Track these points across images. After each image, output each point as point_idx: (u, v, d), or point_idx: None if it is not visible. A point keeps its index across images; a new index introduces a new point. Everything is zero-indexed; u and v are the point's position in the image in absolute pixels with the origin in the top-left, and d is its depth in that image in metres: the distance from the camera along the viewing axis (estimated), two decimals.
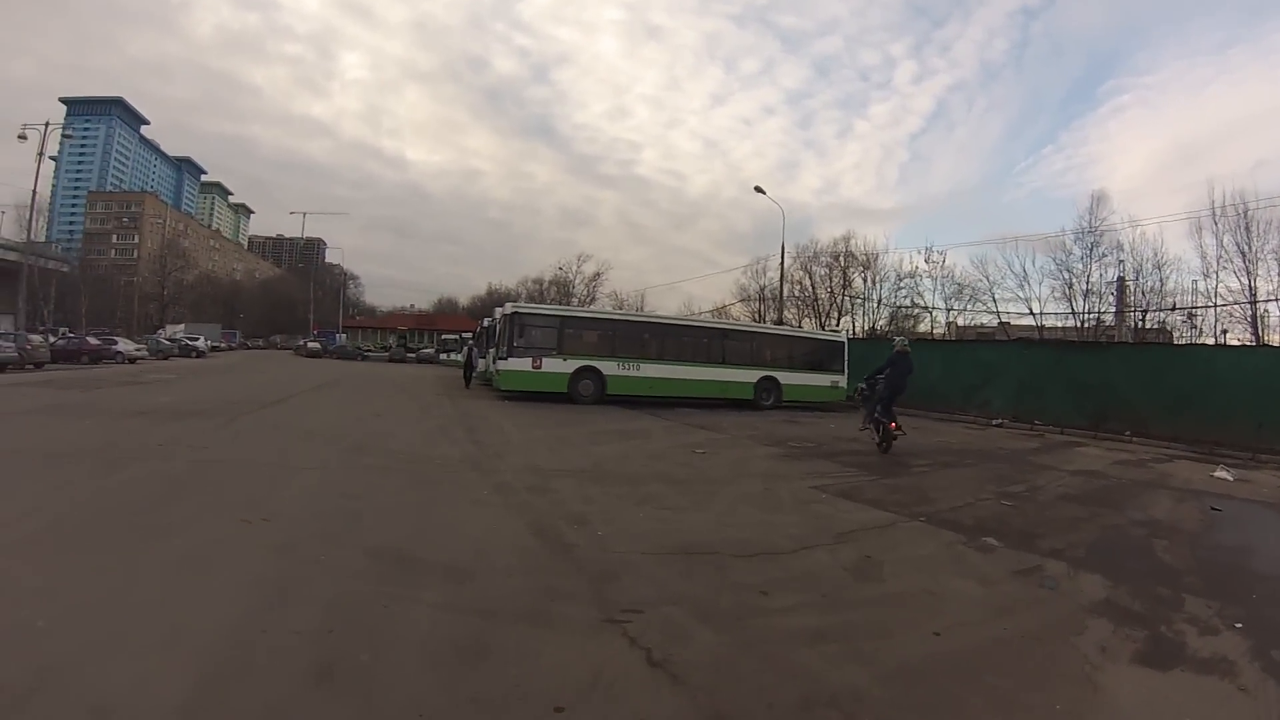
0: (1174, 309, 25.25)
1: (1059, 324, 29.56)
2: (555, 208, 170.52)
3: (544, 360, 16.56)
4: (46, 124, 34.33)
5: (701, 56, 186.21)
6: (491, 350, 19.18)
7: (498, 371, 17.30)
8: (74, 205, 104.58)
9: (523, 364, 16.45)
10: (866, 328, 33.80)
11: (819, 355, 20.75)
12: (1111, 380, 16.22)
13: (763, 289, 39.83)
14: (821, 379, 20.01)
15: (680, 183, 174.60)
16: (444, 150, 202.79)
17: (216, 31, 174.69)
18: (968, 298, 32.21)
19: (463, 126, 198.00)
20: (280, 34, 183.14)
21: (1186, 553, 5.37)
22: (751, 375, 18.86)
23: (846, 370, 20.00)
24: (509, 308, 17.42)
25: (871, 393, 10.93)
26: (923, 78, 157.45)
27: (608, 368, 17.10)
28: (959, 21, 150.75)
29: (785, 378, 19.27)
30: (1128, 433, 14.98)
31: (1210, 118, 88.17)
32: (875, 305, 34.64)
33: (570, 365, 16.75)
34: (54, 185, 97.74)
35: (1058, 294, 28.91)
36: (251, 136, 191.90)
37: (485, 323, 23.11)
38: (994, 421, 17.59)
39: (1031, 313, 29.61)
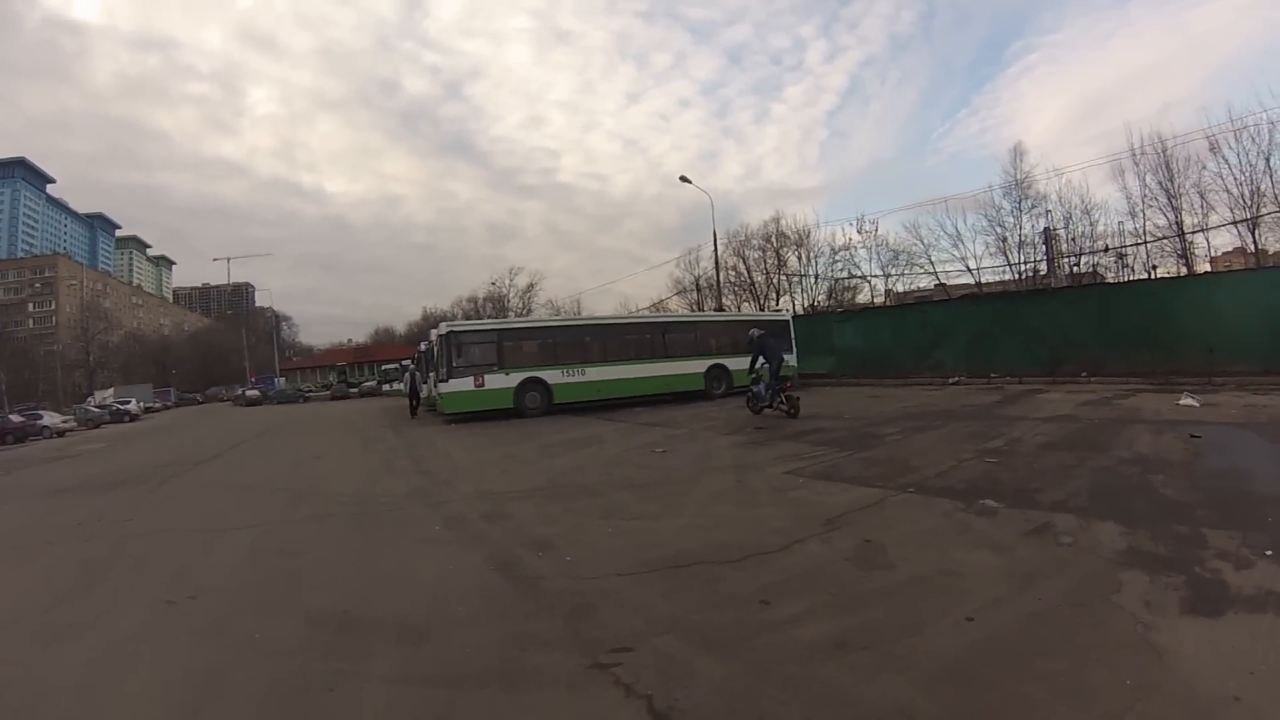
0: (1106, 250, 25.88)
1: (997, 278, 30.06)
2: (480, 224, 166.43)
3: (486, 377, 16.08)
4: None
5: (612, 56, 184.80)
6: (433, 374, 18.46)
7: (440, 395, 16.68)
8: None
9: (465, 384, 15.93)
10: (807, 304, 33.84)
11: None
12: (1062, 325, 16.46)
13: (697, 279, 39.48)
14: None
15: (603, 185, 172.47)
16: (363, 178, 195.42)
17: (115, 79, 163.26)
18: (904, 263, 32.49)
19: (379, 152, 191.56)
20: (183, 74, 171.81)
21: (1186, 485, 5.19)
22: (700, 365, 18.58)
23: (794, 348, 19.74)
24: (444, 328, 16.79)
25: (759, 383, 12.20)
26: (834, 56, 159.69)
27: (552, 377, 16.69)
28: None
29: (734, 364, 18.63)
30: (1084, 374, 15.15)
31: (1115, 69, 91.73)
32: (813, 281, 34.69)
33: (514, 379, 16.29)
34: None
35: (992, 249, 29.34)
36: (162, 184, 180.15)
37: (422, 347, 22.11)
38: (950, 380, 17.64)
39: (969, 269, 30.01)
